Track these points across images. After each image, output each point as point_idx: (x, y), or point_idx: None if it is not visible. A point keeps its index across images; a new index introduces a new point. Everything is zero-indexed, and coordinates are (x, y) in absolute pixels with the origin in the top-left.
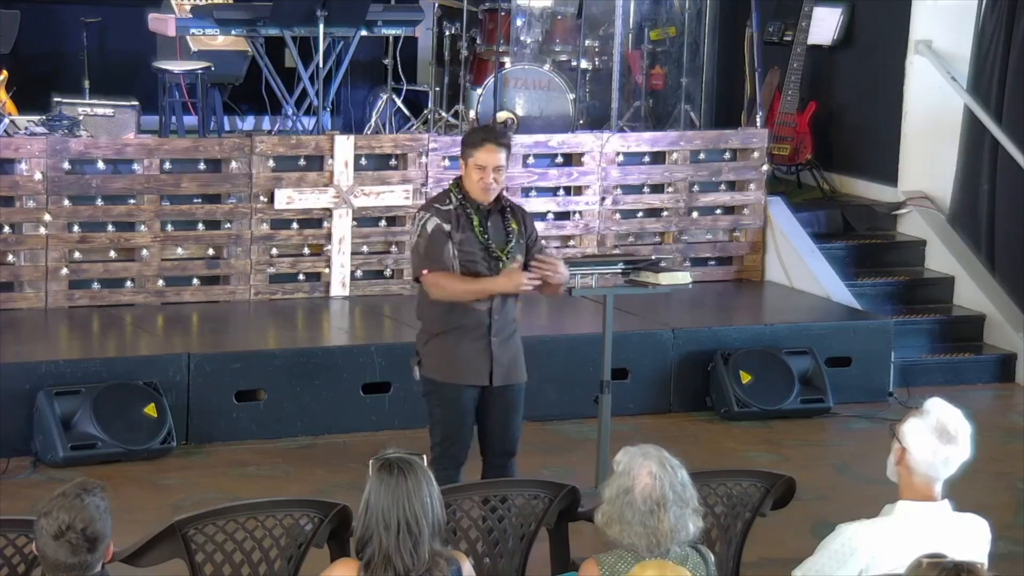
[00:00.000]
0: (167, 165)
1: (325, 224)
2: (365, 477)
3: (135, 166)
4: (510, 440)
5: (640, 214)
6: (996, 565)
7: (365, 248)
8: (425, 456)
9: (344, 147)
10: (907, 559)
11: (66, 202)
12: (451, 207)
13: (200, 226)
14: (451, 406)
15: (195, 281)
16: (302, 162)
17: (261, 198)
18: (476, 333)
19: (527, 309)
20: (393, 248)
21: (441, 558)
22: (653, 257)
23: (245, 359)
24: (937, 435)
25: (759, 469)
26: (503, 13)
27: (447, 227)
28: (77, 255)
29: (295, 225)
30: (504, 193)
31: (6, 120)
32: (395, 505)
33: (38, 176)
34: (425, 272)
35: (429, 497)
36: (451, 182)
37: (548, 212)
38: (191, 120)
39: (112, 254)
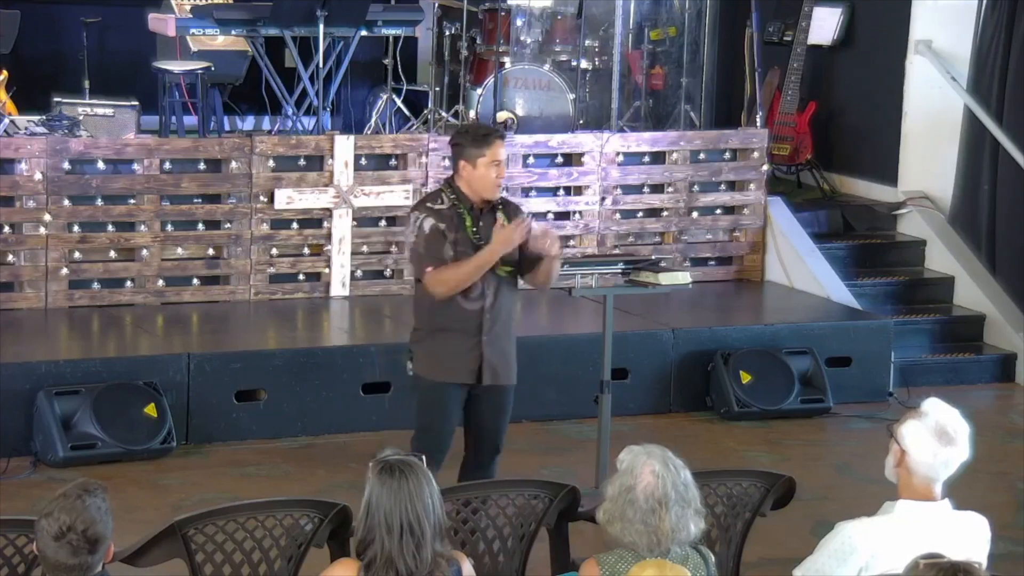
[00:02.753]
0: (167, 165)
1: (325, 224)
2: (365, 477)
3: (135, 166)
4: (497, 440)
5: (640, 214)
6: (996, 565)
7: (365, 248)
8: (424, 457)
9: (344, 147)
10: (907, 558)
11: (66, 202)
12: (444, 207)
13: (200, 226)
14: (433, 402)
15: (195, 281)
16: (302, 162)
17: (261, 198)
18: (467, 332)
19: (527, 309)
20: (393, 248)
21: (442, 559)
22: (653, 257)
23: (245, 359)
24: (937, 437)
25: (759, 469)
26: (503, 13)
27: (442, 226)
28: (77, 255)
29: (295, 225)
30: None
31: (6, 120)
32: (397, 507)
33: (38, 176)
34: (429, 270)
35: (430, 498)
36: (442, 182)
37: (548, 212)
38: (191, 120)
39: (112, 254)
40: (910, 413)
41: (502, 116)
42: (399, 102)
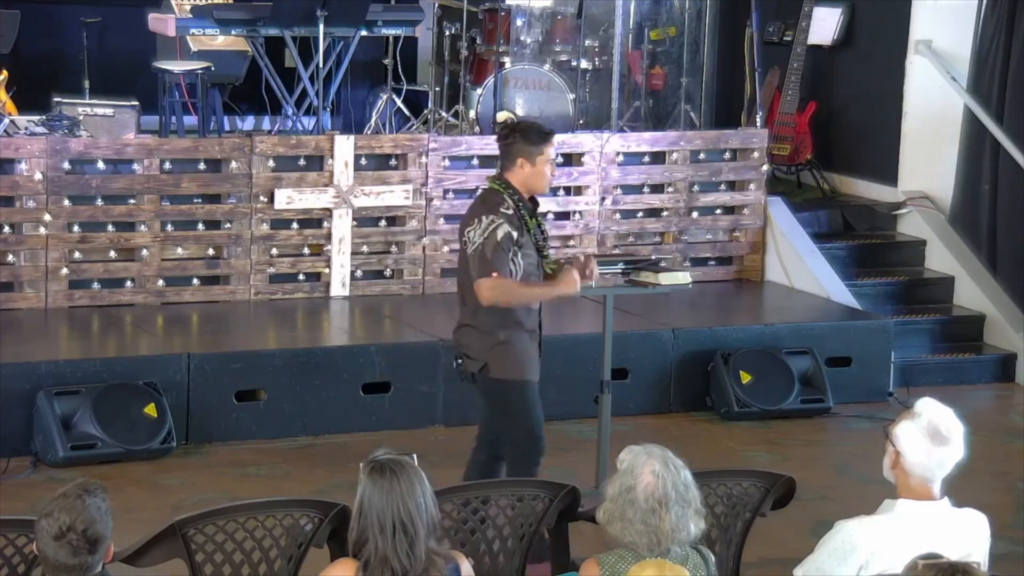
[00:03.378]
0: (167, 165)
1: (325, 224)
2: (360, 479)
3: (135, 166)
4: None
5: (640, 214)
6: (996, 565)
7: (365, 248)
8: (415, 456)
9: (344, 147)
10: (907, 556)
11: (66, 202)
12: (512, 211)
13: (200, 226)
14: (533, 402)
15: (195, 281)
16: (302, 162)
17: (261, 198)
18: (534, 333)
19: None
20: (393, 248)
21: (438, 557)
22: (653, 257)
23: (245, 359)
24: (930, 437)
25: (759, 469)
26: (503, 13)
27: (515, 234)
28: (77, 255)
29: (295, 225)
30: None
31: (6, 120)
32: (389, 506)
33: (38, 176)
34: (495, 275)
35: (422, 497)
36: (496, 183)
37: (548, 212)
38: (191, 120)
39: (112, 254)
40: (904, 414)
41: (502, 116)
42: (399, 102)
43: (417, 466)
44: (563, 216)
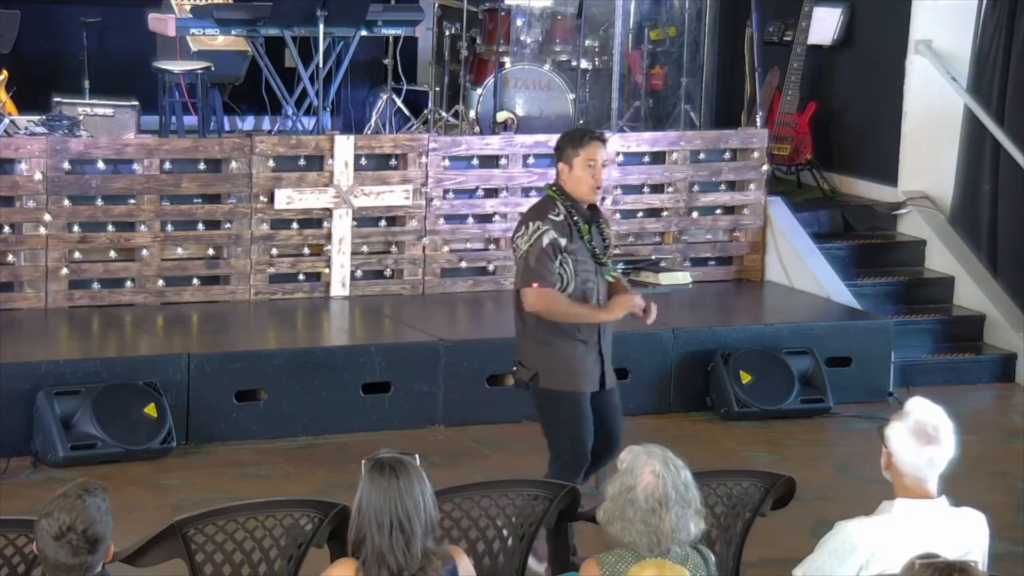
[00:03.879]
0: (167, 165)
1: (325, 224)
2: (360, 477)
3: (135, 166)
4: (619, 439)
5: (640, 214)
6: (996, 565)
7: (365, 248)
8: (418, 456)
9: (344, 147)
10: (906, 556)
11: (66, 202)
12: (560, 218)
13: (200, 226)
14: (578, 413)
15: (195, 281)
16: (302, 162)
17: (261, 198)
18: (591, 342)
19: None
20: (393, 248)
21: (435, 556)
22: (653, 257)
23: (245, 359)
24: (916, 437)
25: (759, 469)
26: (503, 13)
27: (563, 241)
28: (77, 255)
29: (295, 225)
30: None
31: (6, 120)
32: (387, 505)
33: (38, 176)
34: (536, 285)
35: (421, 496)
36: (551, 189)
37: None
38: (191, 120)
39: (112, 254)
40: (895, 414)
41: (502, 116)
42: (399, 102)
43: (419, 466)
44: None
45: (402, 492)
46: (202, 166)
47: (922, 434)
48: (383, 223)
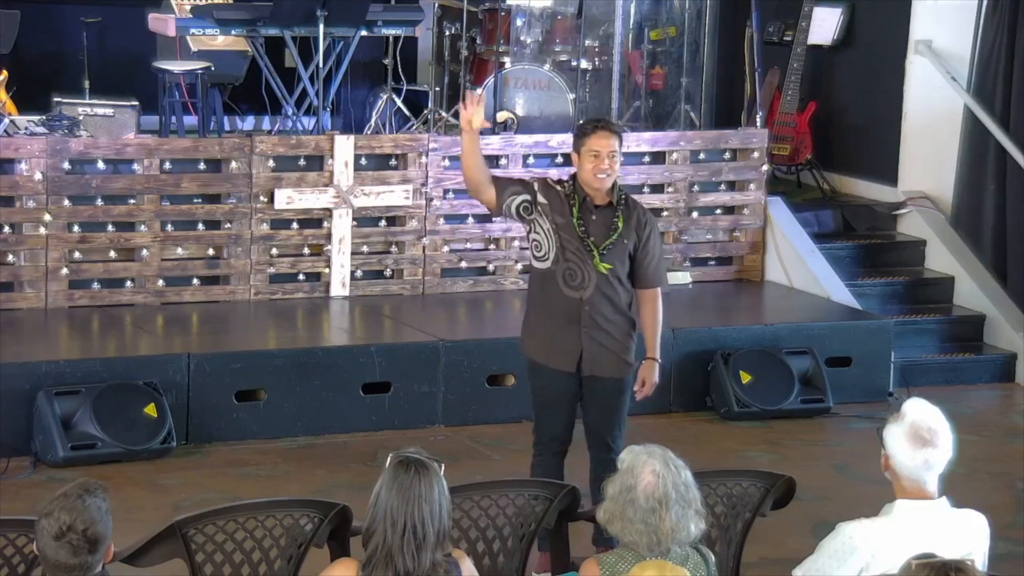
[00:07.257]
0: (167, 165)
1: (325, 224)
2: (365, 477)
3: (135, 166)
4: (603, 433)
5: None
6: (996, 565)
7: (365, 248)
8: (443, 465)
9: (344, 147)
10: (906, 557)
11: (66, 202)
12: (561, 190)
13: (200, 226)
14: (544, 388)
15: (195, 281)
16: (302, 162)
17: (261, 198)
18: (566, 319)
19: None
20: (393, 248)
21: (441, 567)
22: None
23: (245, 359)
24: (911, 439)
25: (759, 469)
26: (503, 13)
27: (543, 200)
28: (77, 255)
29: (295, 225)
30: (631, 196)
31: (6, 120)
32: (404, 505)
33: (38, 176)
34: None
35: (439, 504)
36: (572, 177)
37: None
38: (191, 120)
39: (112, 254)
40: (893, 416)
41: (502, 116)
42: (399, 102)
43: (442, 475)
44: None
45: (420, 496)
46: (202, 166)
47: (918, 437)
48: (383, 223)
